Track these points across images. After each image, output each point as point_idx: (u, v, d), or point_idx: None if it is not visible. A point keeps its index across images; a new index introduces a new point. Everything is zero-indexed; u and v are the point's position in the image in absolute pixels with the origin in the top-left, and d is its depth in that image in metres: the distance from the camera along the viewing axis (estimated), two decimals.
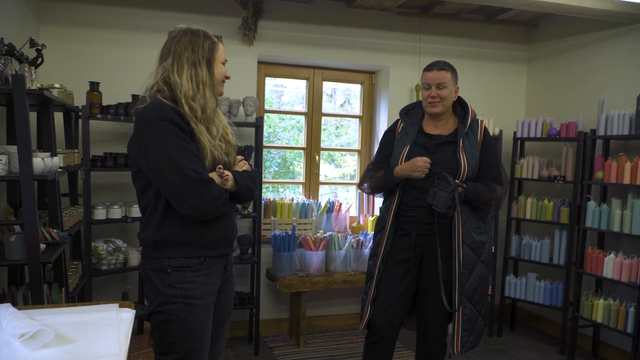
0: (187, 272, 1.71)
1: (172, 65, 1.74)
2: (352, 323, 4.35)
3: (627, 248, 3.53)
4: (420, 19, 4.29)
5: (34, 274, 2.12)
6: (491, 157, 2.53)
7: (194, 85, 1.74)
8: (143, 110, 1.69)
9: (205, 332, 1.77)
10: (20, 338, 1.20)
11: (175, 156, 1.60)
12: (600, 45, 3.96)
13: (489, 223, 2.62)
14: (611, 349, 3.75)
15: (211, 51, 1.78)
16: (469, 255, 2.49)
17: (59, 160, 2.61)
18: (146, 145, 1.65)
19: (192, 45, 1.75)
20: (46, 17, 3.50)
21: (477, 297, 2.52)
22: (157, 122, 1.63)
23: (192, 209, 1.64)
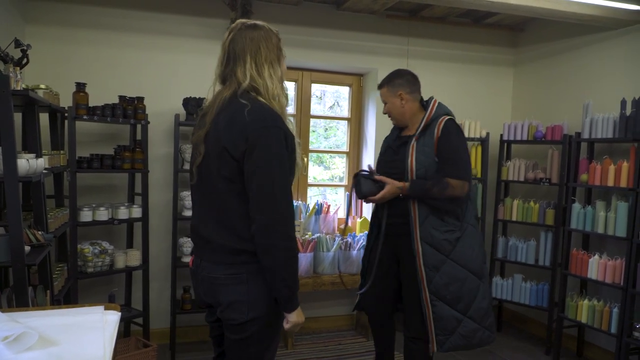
0: None
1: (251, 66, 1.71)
2: (340, 325, 4.36)
3: (611, 249, 3.57)
4: (409, 22, 4.32)
5: (18, 276, 2.10)
6: (447, 153, 2.53)
7: (276, 83, 1.73)
8: (258, 113, 1.64)
9: None
10: (3, 341, 1.19)
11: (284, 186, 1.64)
12: (585, 49, 4.01)
13: (469, 220, 2.59)
14: (596, 349, 3.79)
15: (279, 48, 1.80)
16: (431, 253, 2.52)
17: (45, 162, 2.59)
18: (265, 153, 1.62)
19: (265, 42, 1.74)
20: (32, 17, 3.47)
21: (449, 295, 2.51)
22: (274, 130, 1.62)
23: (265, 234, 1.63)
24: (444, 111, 2.64)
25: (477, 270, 2.55)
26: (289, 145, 1.66)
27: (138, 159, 3.42)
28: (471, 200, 2.62)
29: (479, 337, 2.54)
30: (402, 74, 2.75)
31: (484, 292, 2.57)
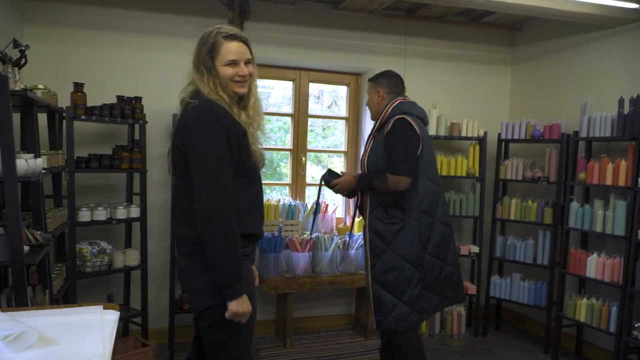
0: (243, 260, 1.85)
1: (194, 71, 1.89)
2: (338, 324, 4.36)
3: (610, 248, 3.58)
4: (406, 21, 4.32)
5: (17, 276, 2.10)
6: (389, 150, 2.69)
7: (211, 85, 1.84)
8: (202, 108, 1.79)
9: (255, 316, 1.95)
10: (3, 340, 1.19)
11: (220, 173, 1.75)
12: (583, 48, 4.02)
13: (411, 214, 2.69)
14: (594, 348, 3.80)
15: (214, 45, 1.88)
16: (375, 242, 2.75)
17: (43, 162, 2.59)
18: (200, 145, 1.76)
19: (199, 47, 1.89)
20: (30, 18, 3.47)
21: (385, 281, 2.71)
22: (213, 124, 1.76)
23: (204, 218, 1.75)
24: (400, 110, 2.74)
25: (414, 260, 2.70)
26: (233, 137, 1.77)
27: (136, 159, 3.42)
28: (419, 195, 2.69)
29: (410, 320, 2.70)
30: (388, 75, 2.92)
31: (418, 280, 2.71)
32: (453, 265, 2.83)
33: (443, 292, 2.81)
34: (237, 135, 1.80)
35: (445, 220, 2.80)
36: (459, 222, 4.62)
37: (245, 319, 1.80)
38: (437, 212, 2.76)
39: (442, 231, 2.78)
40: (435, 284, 2.76)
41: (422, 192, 2.70)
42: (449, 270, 2.81)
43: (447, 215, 2.83)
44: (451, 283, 2.83)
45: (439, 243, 2.76)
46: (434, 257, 2.75)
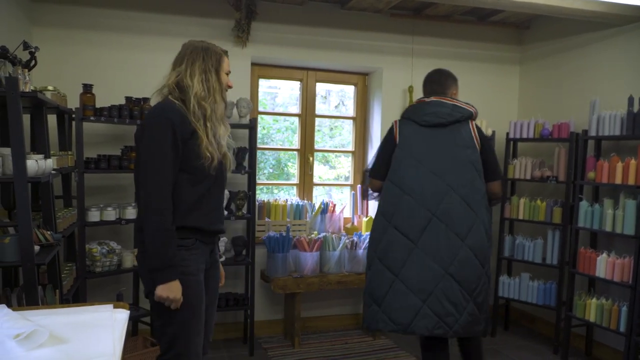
0: (183, 250, 1.95)
1: (185, 71, 2.00)
2: (346, 323, 4.36)
3: (619, 248, 3.55)
4: (413, 20, 4.31)
5: (28, 275, 2.12)
6: None
7: (205, 88, 2.00)
8: (156, 106, 1.98)
9: (200, 304, 2.00)
10: (15, 338, 1.20)
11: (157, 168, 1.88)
12: (591, 46, 3.99)
13: (375, 214, 2.77)
14: (604, 348, 3.78)
15: (218, 62, 2.06)
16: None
17: (53, 162, 2.61)
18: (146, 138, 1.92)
19: (203, 56, 2.03)
20: (39, 20, 3.49)
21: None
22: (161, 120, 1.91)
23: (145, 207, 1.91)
24: (401, 116, 2.77)
25: (368, 260, 2.71)
26: (179, 135, 1.90)
27: None
28: (381, 196, 2.71)
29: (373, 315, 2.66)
30: (425, 78, 2.90)
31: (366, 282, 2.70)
32: (409, 284, 2.50)
33: (387, 309, 2.55)
34: (184, 133, 1.92)
35: (403, 228, 2.53)
36: None
37: (175, 305, 1.89)
38: (395, 218, 2.56)
39: (395, 239, 2.54)
40: (380, 294, 2.57)
41: (384, 195, 2.67)
42: (400, 288, 2.51)
43: (409, 225, 2.53)
44: (399, 304, 2.51)
45: (387, 250, 2.57)
46: (381, 262, 2.59)
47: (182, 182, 1.95)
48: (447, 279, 2.49)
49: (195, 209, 1.98)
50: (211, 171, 1.98)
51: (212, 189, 2.03)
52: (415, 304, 2.49)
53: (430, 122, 2.62)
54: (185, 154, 1.93)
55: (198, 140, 1.94)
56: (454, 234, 2.51)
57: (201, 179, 1.98)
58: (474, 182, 2.56)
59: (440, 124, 2.61)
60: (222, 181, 2.12)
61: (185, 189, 1.95)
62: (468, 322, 2.52)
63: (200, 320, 2.01)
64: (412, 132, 2.64)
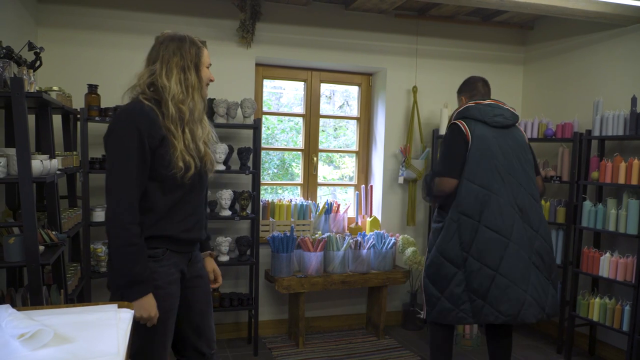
0: (151, 262, 1.82)
1: (160, 70, 1.84)
2: (351, 323, 4.37)
3: (623, 247, 3.55)
4: (417, 21, 4.31)
5: (32, 275, 2.13)
6: (439, 155, 2.92)
7: (183, 88, 1.84)
8: (122, 109, 1.83)
9: (168, 319, 1.87)
10: (19, 338, 1.21)
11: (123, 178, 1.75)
12: (595, 46, 3.98)
13: (451, 215, 2.74)
14: (608, 348, 3.77)
15: (198, 56, 1.89)
16: (430, 239, 2.93)
17: (58, 163, 2.63)
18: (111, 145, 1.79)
19: (180, 51, 1.86)
20: (44, 20, 3.52)
21: (429, 274, 2.84)
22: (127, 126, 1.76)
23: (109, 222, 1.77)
24: (460, 116, 2.83)
25: (454, 259, 2.72)
26: (148, 142, 1.76)
27: None
28: (459, 196, 2.71)
29: (454, 316, 2.74)
30: (467, 81, 3.06)
31: (460, 280, 2.71)
32: (510, 277, 2.65)
33: (494, 302, 2.66)
34: (153, 140, 1.77)
35: (494, 226, 2.66)
36: None
37: (151, 323, 1.76)
38: (483, 216, 2.67)
39: (490, 237, 2.66)
40: (482, 289, 2.67)
41: (463, 194, 2.69)
42: (503, 282, 2.65)
43: (501, 222, 2.67)
44: (506, 296, 2.66)
45: (483, 248, 2.66)
46: (477, 260, 2.67)
47: (151, 190, 1.80)
48: (533, 267, 2.72)
49: (167, 217, 1.84)
50: (185, 180, 1.82)
51: (186, 196, 1.88)
52: (520, 294, 2.67)
53: (500, 124, 2.78)
54: (155, 162, 1.78)
55: (170, 148, 1.78)
56: (529, 226, 2.73)
57: (173, 188, 1.83)
58: (533, 178, 2.82)
59: (507, 126, 2.81)
60: (201, 186, 1.95)
61: (154, 198, 1.81)
62: (553, 304, 2.78)
63: (166, 334, 1.88)
64: (485, 132, 2.74)
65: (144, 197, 1.79)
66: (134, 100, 1.84)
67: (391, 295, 4.23)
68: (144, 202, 1.80)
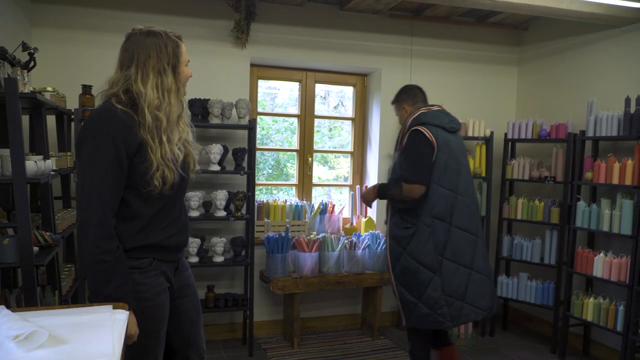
0: (137, 273, 1.72)
1: (136, 74, 1.69)
2: (346, 324, 4.37)
3: (617, 247, 3.57)
4: (412, 21, 4.32)
5: (27, 276, 2.12)
6: (404, 160, 2.83)
7: (159, 94, 1.70)
8: (93, 115, 1.68)
9: (158, 330, 1.79)
10: (14, 339, 1.20)
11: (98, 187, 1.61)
12: (589, 47, 4.01)
13: (423, 220, 2.79)
14: (602, 348, 3.79)
15: (175, 56, 1.74)
16: (393, 246, 2.90)
17: (52, 163, 2.61)
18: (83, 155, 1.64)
19: (157, 51, 1.70)
20: (38, 21, 3.50)
21: (404, 282, 2.85)
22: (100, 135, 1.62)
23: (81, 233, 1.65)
24: (418, 122, 2.84)
25: (429, 264, 2.77)
26: (123, 149, 1.62)
27: None
28: (430, 201, 2.77)
29: (432, 321, 2.79)
30: (406, 89, 3.11)
31: (437, 284, 2.77)
32: (483, 272, 2.84)
33: (474, 300, 2.80)
34: (129, 147, 1.64)
35: (465, 226, 2.81)
36: None
37: (132, 340, 1.66)
38: (454, 218, 2.78)
39: (462, 237, 2.79)
40: (460, 289, 2.78)
41: (434, 199, 2.77)
42: (478, 277, 2.82)
43: (468, 221, 2.82)
44: (483, 290, 2.83)
45: (457, 249, 2.78)
46: (453, 262, 2.77)
47: (131, 198, 1.68)
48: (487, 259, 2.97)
49: (152, 224, 1.73)
50: (164, 192, 1.70)
51: (169, 202, 1.77)
52: (492, 286, 2.92)
53: (454, 129, 2.90)
54: (131, 173, 1.66)
55: (146, 162, 1.65)
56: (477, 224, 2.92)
57: (154, 199, 1.71)
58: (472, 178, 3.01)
59: (457, 130, 2.93)
60: (184, 190, 1.85)
61: (136, 206, 1.69)
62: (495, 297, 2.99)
63: (158, 345, 1.80)
64: (446, 137, 2.83)
65: (125, 206, 1.67)
66: (105, 104, 1.69)
67: (386, 295, 4.24)
68: (126, 210, 1.68)
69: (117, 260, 1.63)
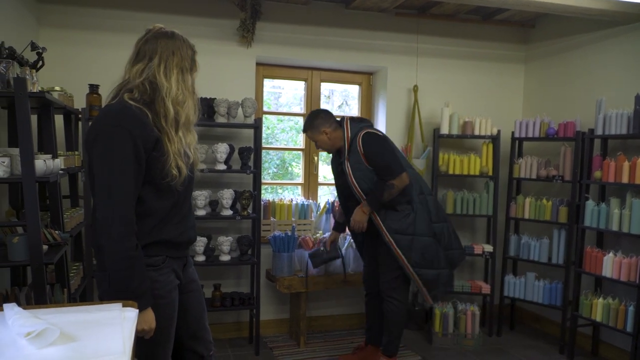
0: (151, 271, 1.74)
1: (158, 66, 1.69)
2: (352, 323, 4.36)
3: (626, 247, 3.54)
4: (418, 19, 4.31)
5: (36, 274, 2.13)
6: (376, 162, 3.07)
7: (182, 90, 1.73)
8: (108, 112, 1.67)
9: (171, 326, 1.84)
10: (26, 336, 1.21)
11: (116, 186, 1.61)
12: (597, 44, 3.98)
13: (415, 200, 3.18)
14: (611, 348, 3.76)
15: (193, 61, 1.79)
16: (401, 239, 3.12)
17: (60, 162, 2.62)
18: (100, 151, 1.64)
19: (180, 51, 1.74)
20: (46, 21, 3.51)
21: (425, 262, 3.16)
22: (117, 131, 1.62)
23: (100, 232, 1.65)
24: (358, 127, 3.16)
25: (431, 233, 3.20)
26: (142, 147, 1.63)
27: None
28: (412, 184, 3.16)
29: (449, 277, 3.31)
30: (316, 115, 3.26)
31: (437, 246, 3.23)
32: (448, 220, 3.38)
33: (457, 244, 3.36)
34: (147, 143, 1.65)
35: (429, 191, 3.35)
36: (472, 221, 4.60)
37: (149, 335, 1.70)
38: (424, 189, 3.29)
39: (434, 201, 3.34)
40: (450, 241, 3.30)
41: (412, 180, 3.17)
42: (450, 226, 3.37)
43: (427, 186, 3.37)
44: (454, 234, 3.38)
45: (436, 210, 3.29)
46: (438, 222, 3.27)
47: (146, 194, 1.69)
48: None
49: (165, 221, 1.76)
50: (178, 187, 1.73)
51: (180, 198, 1.80)
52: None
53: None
54: (150, 167, 1.67)
55: (164, 156, 1.67)
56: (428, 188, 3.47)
57: (167, 192, 1.74)
58: None
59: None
60: (191, 187, 1.89)
61: (151, 202, 1.70)
62: None
63: (168, 340, 1.85)
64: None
65: (139, 202, 1.67)
66: (119, 101, 1.68)
67: None
68: (140, 207, 1.68)
69: (140, 257, 1.67)
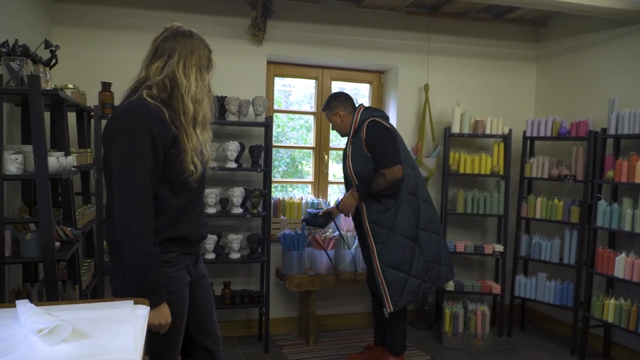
0: (166, 267, 1.76)
1: (177, 64, 1.72)
2: (361, 322, 4.36)
3: (639, 247, 3.51)
4: (429, 18, 4.29)
5: (48, 271, 2.15)
6: (375, 151, 3.07)
7: (201, 88, 1.76)
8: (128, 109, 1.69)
9: (182, 321, 1.87)
10: (38, 333, 1.22)
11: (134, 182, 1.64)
12: (610, 43, 3.94)
13: (402, 197, 3.10)
14: (623, 350, 3.73)
15: (209, 60, 1.83)
16: (377, 230, 3.07)
17: (73, 160, 2.64)
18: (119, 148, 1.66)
19: (199, 50, 1.77)
20: (58, 19, 3.54)
21: (395, 261, 3.05)
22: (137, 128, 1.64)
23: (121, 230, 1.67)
24: (368, 115, 3.16)
25: (412, 236, 3.10)
26: (160, 143, 1.65)
27: None
28: (404, 180, 3.10)
29: (423, 289, 3.13)
30: (335, 97, 3.31)
31: (419, 253, 3.12)
32: (442, 235, 3.32)
33: (446, 260, 3.26)
34: (165, 140, 1.67)
35: (427, 199, 3.27)
36: (483, 221, 4.57)
37: (164, 330, 1.73)
38: (419, 193, 3.20)
39: (428, 209, 3.23)
40: (436, 254, 3.19)
41: (406, 177, 3.11)
42: (443, 241, 3.29)
43: (427, 194, 3.29)
44: (447, 251, 3.31)
45: (428, 219, 3.20)
46: (427, 231, 3.17)
47: (162, 191, 1.72)
48: None
49: (180, 217, 1.78)
50: (193, 184, 1.76)
51: (194, 195, 1.83)
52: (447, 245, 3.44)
53: (388, 119, 3.31)
54: (168, 164, 1.70)
55: (182, 153, 1.70)
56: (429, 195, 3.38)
57: (183, 188, 1.76)
58: None
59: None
60: (204, 185, 1.92)
61: (167, 199, 1.73)
62: None
63: (179, 336, 1.87)
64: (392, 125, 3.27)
65: (155, 199, 1.70)
66: (137, 98, 1.70)
67: None
68: (156, 204, 1.70)
69: (157, 252, 1.69)
